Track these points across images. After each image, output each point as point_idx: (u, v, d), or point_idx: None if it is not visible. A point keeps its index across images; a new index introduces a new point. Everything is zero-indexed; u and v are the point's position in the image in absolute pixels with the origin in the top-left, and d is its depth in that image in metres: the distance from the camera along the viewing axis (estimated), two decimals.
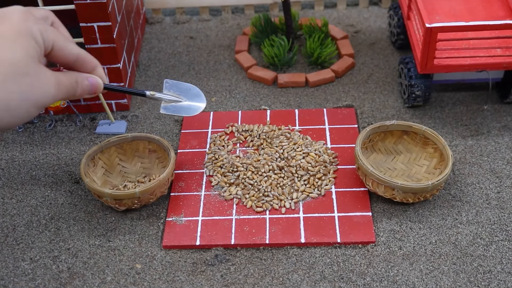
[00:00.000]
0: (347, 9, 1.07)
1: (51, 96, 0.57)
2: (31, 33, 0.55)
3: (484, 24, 0.73)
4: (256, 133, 0.79)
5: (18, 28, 0.54)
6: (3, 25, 0.54)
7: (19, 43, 0.54)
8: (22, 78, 0.54)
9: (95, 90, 0.63)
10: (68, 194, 0.74)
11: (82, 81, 0.62)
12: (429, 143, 0.74)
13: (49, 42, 0.57)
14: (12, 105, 0.53)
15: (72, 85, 0.60)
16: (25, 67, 0.54)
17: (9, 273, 0.65)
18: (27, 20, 0.55)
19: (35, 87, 0.55)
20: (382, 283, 0.62)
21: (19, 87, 0.53)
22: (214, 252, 0.66)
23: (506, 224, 0.68)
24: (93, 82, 0.63)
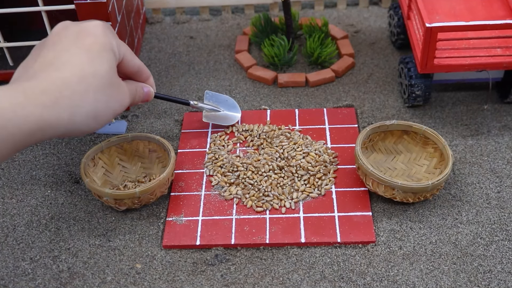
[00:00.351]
0: (347, 9, 1.07)
1: (126, 104, 0.64)
2: (111, 47, 0.61)
3: (484, 24, 0.73)
4: (256, 133, 0.79)
5: (102, 43, 0.60)
6: (89, 39, 0.60)
7: (105, 56, 0.60)
8: (108, 89, 0.60)
9: (147, 98, 0.70)
10: (68, 194, 0.74)
11: (140, 90, 0.69)
12: (429, 143, 0.74)
13: (121, 54, 0.64)
14: (99, 113, 0.59)
15: (133, 94, 0.67)
16: (110, 79, 0.60)
17: (9, 273, 0.65)
18: (108, 35, 0.61)
19: (116, 96, 0.61)
20: (382, 283, 0.62)
21: (105, 97, 0.60)
22: (214, 252, 0.66)
23: (506, 224, 0.68)
24: (147, 91, 0.70)
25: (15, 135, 0.53)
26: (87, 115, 0.58)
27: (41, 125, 0.55)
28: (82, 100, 0.57)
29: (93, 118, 0.59)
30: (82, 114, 0.58)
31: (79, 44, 0.59)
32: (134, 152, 0.77)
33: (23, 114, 0.53)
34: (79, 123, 0.58)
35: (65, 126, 0.57)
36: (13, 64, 0.86)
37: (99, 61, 0.59)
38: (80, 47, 0.59)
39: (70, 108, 0.57)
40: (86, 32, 0.60)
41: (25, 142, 0.55)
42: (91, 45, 0.60)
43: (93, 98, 0.58)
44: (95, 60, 0.59)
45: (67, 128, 0.57)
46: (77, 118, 0.58)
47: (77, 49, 0.59)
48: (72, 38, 0.60)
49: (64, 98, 0.56)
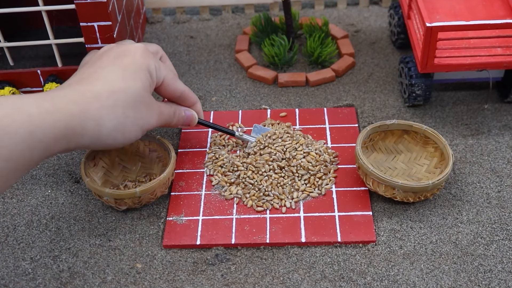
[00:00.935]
0: (348, 9, 1.07)
1: (154, 123, 0.66)
2: (148, 69, 0.64)
3: (484, 24, 0.73)
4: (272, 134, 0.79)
5: (139, 63, 0.63)
6: (127, 59, 0.63)
7: (139, 76, 0.62)
8: (138, 106, 0.62)
9: (189, 123, 0.73)
10: (69, 193, 0.74)
11: (180, 113, 0.71)
12: (429, 143, 0.74)
13: (160, 77, 0.66)
14: (126, 129, 0.62)
15: (170, 115, 0.69)
16: (141, 97, 0.62)
17: (10, 273, 0.65)
18: (147, 57, 0.64)
19: (144, 114, 0.63)
20: (382, 283, 0.62)
21: (134, 113, 0.62)
22: (214, 251, 0.66)
23: (506, 224, 0.68)
24: (188, 115, 0.72)
25: (42, 141, 0.54)
26: (114, 129, 0.60)
27: (66, 133, 0.56)
28: (110, 113, 0.59)
29: (119, 133, 0.61)
30: (109, 127, 0.60)
31: (117, 62, 0.62)
32: (134, 152, 0.77)
33: (50, 121, 0.55)
34: (105, 136, 0.60)
35: (90, 136, 0.58)
36: (13, 64, 0.86)
37: (132, 78, 0.62)
38: (117, 65, 0.62)
39: (97, 120, 0.58)
40: (126, 53, 0.64)
41: (51, 149, 0.56)
42: (128, 64, 0.63)
43: (121, 113, 0.60)
44: (128, 77, 0.62)
45: (92, 139, 0.59)
46: (103, 130, 0.59)
47: (113, 66, 0.62)
48: (112, 57, 0.63)
49: (92, 110, 0.58)
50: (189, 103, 0.73)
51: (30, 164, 0.55)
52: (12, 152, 0.52)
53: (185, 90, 0.71)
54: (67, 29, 0.84)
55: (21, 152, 0.53)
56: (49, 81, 0.80)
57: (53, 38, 0.79)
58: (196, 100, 0.74)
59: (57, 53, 0.81)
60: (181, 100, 0.72)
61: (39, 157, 0.55)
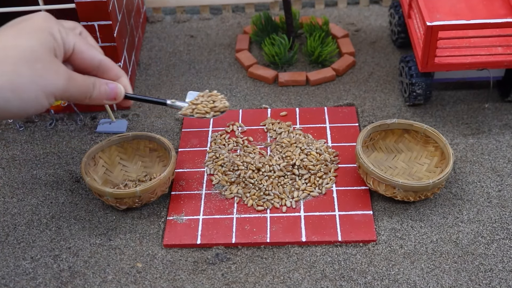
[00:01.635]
0: (348, 8, 1.07)
1: (61, 87, 0.58)
2: (49, 30, 0.57)
3: (485, 23, 0.73)
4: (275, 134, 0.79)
5: (37, 25, 0.57)
6: (25, 23, 0.57)
7: (36, 35, 0.56)
8: (33, 64, 0.55)
9: (114, 96, 0.63)
10: (69, 193, 0.74)
11: (100, 85, 0.62)
12: (430, 142, 0.74)
13: (69, 43, 0.59)
14: (20, 88, 0.55)
15: (88, 86, 0.61)
16: (37, 54, 0.56)
17: (10, 272, 0.65)
18: (49, 21, 0.58)
19: (45, 74, 0.56)
20: (383, 282, 0.62)
21: (28, 71, 0.55)
22: (215, 251, 0.66)
23: (507, 223, 0.68)
24: (112, 87, 0.63)
25: None
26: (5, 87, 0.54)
27: None
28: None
29: (11, 92, 0.55)
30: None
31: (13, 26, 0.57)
32: (134, 151, 0.77)
33: None
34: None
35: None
36: None
37: (25, 36, 0.56)
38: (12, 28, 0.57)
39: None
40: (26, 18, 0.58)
41: None
42: (24, 27, 0.57)
43: (11, 70, 0.54)
44: (21, 36, 0.56)
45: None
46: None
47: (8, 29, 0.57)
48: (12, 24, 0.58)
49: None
50: (112, 76, 0.64)
51: None
52: None
53: (104, 59, 0.63)
54: None
55: None
56: None
57: None
58: (121, 73, 0.65)
59: None
60: (102, 71, 0.63)
61: None
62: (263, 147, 0.78)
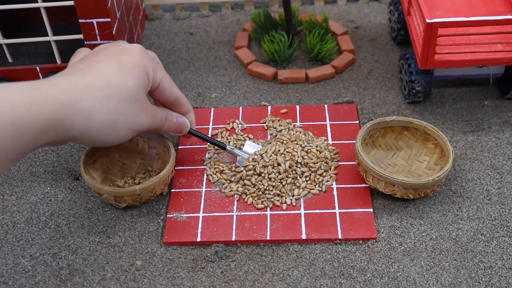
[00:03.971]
0: (347, 5, 1.06)
1: (147, 125, 0.63)
2: (145, 68, 0.61)
3: (485, 20, 0.73)
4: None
5: (137, 61, 0.61)
6: (125, 56, 0.60)
7: (136, 74, 0.60)
8: (131, 103, 0.59)
9: (180, 130, 0.70)
10: (68, 191, 0.74)
11: (171, 119, 0.68)
12: (429, 139, 0.74)
13: (157, 79, 0.64)
14: (117, 126, 0.58)
15: (162, 120, 0.66)
16: (136, 95, 0.59)
17: (9, 270, 0.65)
18: (144, 57, 0.62)
19: (138, 113, 0.60)
20: (382, 279, 0.62)
21: (127, 110, 0.59)
22: (214, 248, 0.66)
23: (507, 220, 0.68)
24: (180, 122, 0.69)
25: (24, 133, 0.51)
26: (105, 124, 0.57)
27: (53, 124, 0.53)
28: (103, 107, 0.56)
29: (110, 129, 0.58)
30: (100, 122, 0.56)
31: (113, 58, 0.60)
32: (134, 149, 0.77)
33: (35, 111, 0.51)
34: (94, 130, 0.57)
35: (79, 129, 0.55)
36: (12, 61, 0.85)
37: (128, 75, 0.59)
38: (114, 61, 0.59)
39: (89, 113, 0.55)
40: (124, 51, 0.61)
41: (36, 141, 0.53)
42: (125, 61, 0.60)
43: (114, 108, 0.57)
44: (124, 73, 0.59)
45: (81, 133, 0.56)
46: (93, 124, 0.56)
47: (110, 62, 0.59)
48: (109, 54, 0.61)
49: (83, 101, 0.55)
50: (183, 110, 0.70)
51: (12, 157, 0.51)
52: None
53: (180, 96, 0.69)
54: (66, 25, 0.84)
55: (2, 144, 0.49)
56: None
57: (52, 35, 0.79)
58: (190, 109, 0.71)
59: (56, 50, 0.80)
60: (176, 106, 0.69)
61: (22, 149, 0.52)
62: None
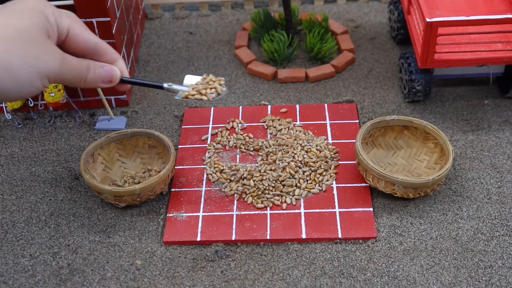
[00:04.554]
0: (347, 4, 1.06)
1: (55, 68, 0.56)
2: (43, 11, 0.56)
3: (484, 19, 0.73)
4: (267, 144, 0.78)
5: (30, 6, 0.56)
6: (17, 5, 0.56)
7: (29, 15, 0.55)
8: (25, 44, 0.54)
9: (110, 79, 0.62)
10: (68, 190, 0.74)
11: (95, 68, 0.60)
12: (429, 138, 0.74)
13: (63, 25, 0.58)
14: (14, 68, 0.53)
15: (83, 68, 0.59)
16: (30, 34, 0.54)
17: (9, 270, 0.65)
18: (41, 2, 0.57)
19: (37, 54, 0.55)
20: (382, 279, 0.62)
21: (21, 51, 0.54)
22: (214, 248, 0.66)
23: (507, 219, 0.68)
24: (108, 70, 0.61)
25: None
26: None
27: None
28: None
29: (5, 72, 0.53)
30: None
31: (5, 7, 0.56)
32: (133, 148, 0.76)
33: None
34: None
35: None
36: None
37: (17, 16, 0.54)
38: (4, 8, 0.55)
39: None
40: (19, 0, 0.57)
41: None
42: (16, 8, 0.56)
43: (2, 49, 0.53)
44: (12, 15, 0.54)
45: None
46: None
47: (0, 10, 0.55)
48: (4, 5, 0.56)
49: None
50: (109, 58, 0.62)
51: None
52: None
53: (99, 42, 0.61)
54: None
55: None
56: None
57: None
58: (117, 56, 0.63)
59: None
60: (98, 55, 0.61)
61: None
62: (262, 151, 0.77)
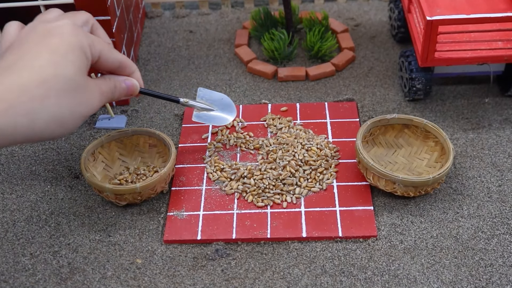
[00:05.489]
0: (347, 2, 1.06)
1: (95, 107, 0.60)
2: (81, 48, 0.57)
3: (485, 17, 0.73)
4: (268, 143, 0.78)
5: (69, 42, 0.56)
6: (55, 40, 0.56)
7: (71, 58, 0.56)
8: (73, 94, 0.56)
9: (131, 93, 0.67)
10: (68, 189, 0.74)
11: (120, 85, 0.65)
12: (430, 137, 0.74)
13: (96, 53, 0.60)
14: (64, 119, 0.56)
15: (111, 90, 0.64)
16: (76, 83, 0.56)
17: (10, 268, 0.65)
18: (77, 35, 0.58)
19: (83, 101, 0.58)
20: (383, 277, 0.62)
21: (70, 101, 0.56)
22: (214, 246, 0.66)
23: (507, 218, 0.68)
24: (129, 85, 0.66)
25: None
26: (50, 121, 0.55)
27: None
28: (43, 105, 0.53)
29: (56, 124, 0.55)
30: (43, 120, 0.54)
31: (43, 44, 0.56)
32: (134, 147, 0.76)
33: None
34: (40, 130, 0.54)
35: (23, 133, 0.53)
36: None
37: (63, 63, 0.55)
38: (44, 48, 0.55)
39: (29, 115, 0.53)
40: (53, 32, 0.57)
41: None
42: (57, 46, 0.56)
43: (55, 103, 0.54)
44: (59, 62, 0.55)
45: (26, 136, 0.54)
46: (37, 125, 0.54)
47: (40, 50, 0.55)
48: (38, 38, 0.56)
49: (21, 104, 0.52)
50: (128, 71, 0.66)
51: None
52: None
53: (123, 59, 0.64)
54: None
55: None
56: None
57: None
58: (134, 67, 0.67)
59: None
60: (120, 70, 0.65)
61: None
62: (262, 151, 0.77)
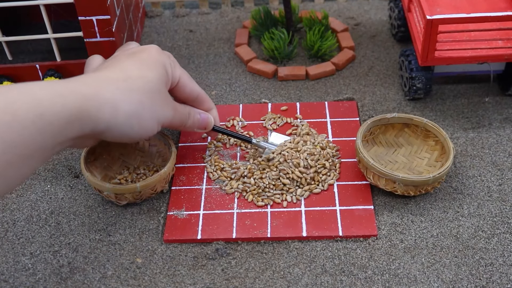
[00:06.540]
0: (348, 2, 1.06)
1: (170, 117, 0.64)
2: (164, 64, 0.64)
3: (485, 16, 0.72)
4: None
5: (155, 58, 0.63)
6: (143, 54, 0.64)
7: (155, 68, 0.62)
8: (154, 94, 0.61)
9: (205, 126, 0.71)
10: (68, 188, 0.74)
11: (195, 115, 0.70)
12: (430, 136, 0.74)
13: (176, 76, 0.66)
14: (142, 117, 0.60)
15: (185, 115, 0.68)
16: (158, 88, 0.62)
17: (10, 268, 0.65)
18: (162, 54, 0.65)
19: (160, 105, 0.62)
20: (383, 276, 0.62)
21: (150, 101, 0.61)
22: (215, 246, 0.66)
23: (507, 217, 0.68)
24: (204, 118, 0.71)
25: (52, 124, 0.51)
26: (131, 115, 0.58)
27: (79, 116, 0.53)
28: (126, 97, 0.57)
29: (136, 120, 0.59)
30: (125, 112, 0.57)
31: (134, 57, 0.63)
32: (134, 146, 0.76)
33: (61, 102, 0.52)
34: (121, 121, 0.57)
35: (106, 121, 0.56)
36: (12, 58, 0.85)
37: (148, 69, 0.61)
38: (134, 59, 0.62)
39: (113, 103, 0.56)
40: (142, 50, 0.64)
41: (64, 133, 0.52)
42: (145, 58, 0.62)
43: (137, 99, 0.58)
44: (144, 67, 0.61)
45: (108, 125, 0.56)
46: (120, 115, 0.57)
47: (130, 60, 0.62)
48: (130, 54, 0.64)
49: (106, 92, 0.56)
50: (205, 107, 0.71)
51: (43, 152, 0.51)
52: (21, 136, 0.49)
53: (201, 93, 0.70)
54: (65, 23, 0.84)
55: (31, 136, 0.49)
56: (48, 75, 0.80)
57: (51, 32, 0.79)
58: (212, 105, 0.73)
59: (55, 47, 0.80)
60: (197, 103, 0.71)
61: (52, 141, 0.51)
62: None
